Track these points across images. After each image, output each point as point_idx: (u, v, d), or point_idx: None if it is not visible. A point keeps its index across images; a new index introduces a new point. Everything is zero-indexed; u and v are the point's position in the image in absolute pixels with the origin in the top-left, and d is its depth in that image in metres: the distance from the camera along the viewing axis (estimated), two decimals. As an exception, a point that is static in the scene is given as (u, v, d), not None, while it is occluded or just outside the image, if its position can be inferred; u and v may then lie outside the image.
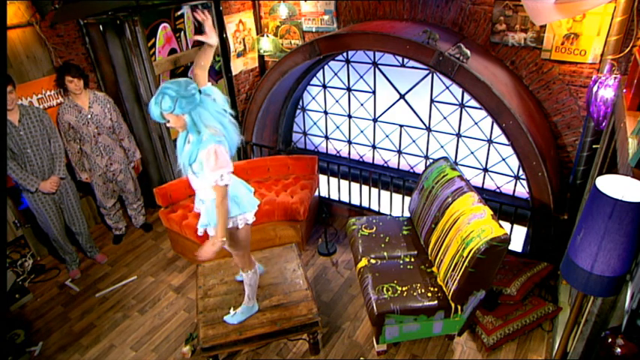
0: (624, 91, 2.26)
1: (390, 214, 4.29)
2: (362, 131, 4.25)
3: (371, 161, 4.35)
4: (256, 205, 2.52)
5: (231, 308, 2.84)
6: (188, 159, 2.21)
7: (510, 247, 2.84)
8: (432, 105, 3.69)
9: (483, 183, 3.76)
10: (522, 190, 3.56)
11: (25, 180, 3.28)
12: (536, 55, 3.12)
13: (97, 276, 3.93)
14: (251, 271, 2.68)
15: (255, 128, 4.39)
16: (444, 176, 3.11)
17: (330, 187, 4.56)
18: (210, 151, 2.12)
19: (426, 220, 3.12)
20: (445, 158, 3.30)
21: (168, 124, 2.21)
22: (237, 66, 4.68)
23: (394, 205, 4.26)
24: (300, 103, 4.48)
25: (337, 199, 4.57)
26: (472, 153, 3.70)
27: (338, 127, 4.39)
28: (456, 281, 2.58)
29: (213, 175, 2.16)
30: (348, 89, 4.11)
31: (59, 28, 3.81)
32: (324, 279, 3.73)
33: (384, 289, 2.79)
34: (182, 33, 5.18)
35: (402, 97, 3.85)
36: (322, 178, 4.53)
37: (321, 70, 4.16)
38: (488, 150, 3.58)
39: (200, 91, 2.18)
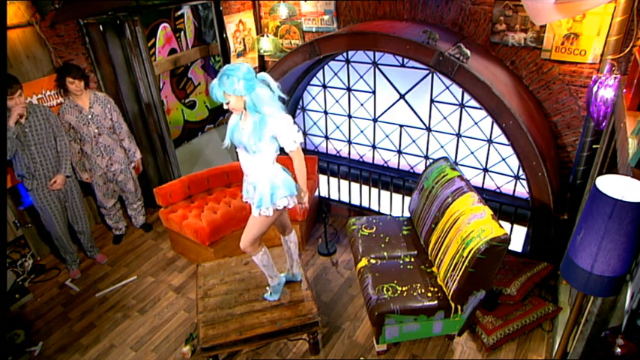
0: (624, 91, 2.26)
1: (390, 214, 4.29)
2: (362, 131, 4.25)
3: (371, 161, 4.35)
4: (295, 190, 2.57)
5: (267, 287, 3.01)
6: (254, 137, 2.33)
7: (510, 247, 2.84)
8: (432, 105, 3.69)
9: (483, 183, 3.76)
10: (522, 190, 3.56)
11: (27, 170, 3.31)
12: (536, 55, 3.12)
13: (97, 276, 3.93)
14: (259, 253, 2.72)
15: (255, 128, 4.36)
16: (444, 176, 3.11)
17: (330, 187, 4.57)
18: (288, 120, 2.36)
19: (426, 220, 3.12)
20: (445, 158, 3.31)
21: (227, 106, 2.32)
22: (237, 66, 4.67)
23: (394, 205, 4.26)
24: (300, 103, 4.48)
25: (337, 199, 4.57)
26: (472, 153, 3.70)
27: (338, 127, 4.39)
28: (456, 281, 2.58)
29: (293, 139, 2.37)
30: (348, 89, 4.11)
31: (59, 28, 3.81)
32: (324, 279, 3.73)
33: (384, 289, 2.79)
34: (182, 33, 5.19)
35: (402, 97, 3.85)
36: (322, 178, 4.54)
37: (321, 70, 4.16)
38: (488, 150, 3.57)
39: (256, 77, 2.32)
